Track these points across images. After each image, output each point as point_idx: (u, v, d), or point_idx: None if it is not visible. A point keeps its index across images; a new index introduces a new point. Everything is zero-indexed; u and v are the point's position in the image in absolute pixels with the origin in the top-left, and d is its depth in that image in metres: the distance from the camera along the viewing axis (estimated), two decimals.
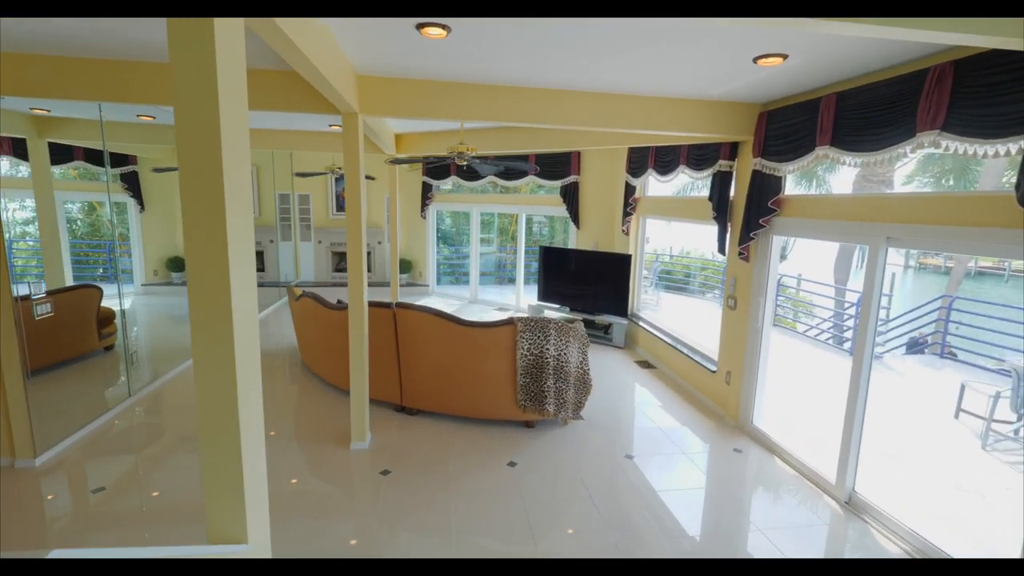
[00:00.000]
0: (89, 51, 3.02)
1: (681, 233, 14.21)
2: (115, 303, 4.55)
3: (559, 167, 7.24)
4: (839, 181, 11.94)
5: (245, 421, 1.33)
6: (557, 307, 7.15)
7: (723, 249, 4.45)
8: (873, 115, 2.79)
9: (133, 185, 5.87)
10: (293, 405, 4.53)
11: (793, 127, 3.42)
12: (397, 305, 4.04)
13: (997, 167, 9.55)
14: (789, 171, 3.54)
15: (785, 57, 2.68)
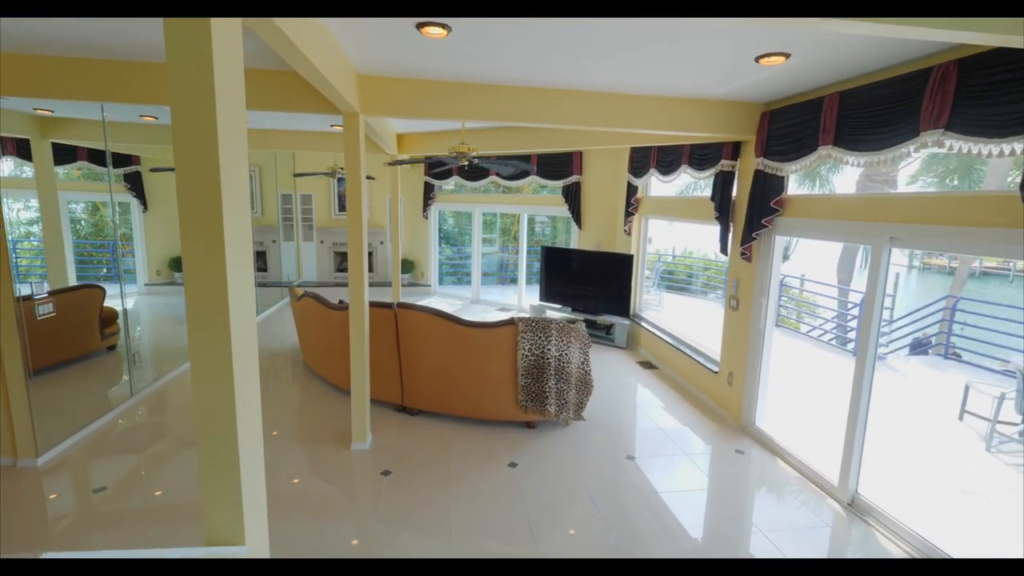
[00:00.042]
0: (89, 51, 3.02)
1: (684, 233, 14.18)
2: (118, 303, 4.56)
3: (561, 167, 7.22)
4: (843, 181, 11.90)
5: (243, 422, 1.33)
6: (559, 307, 7.14)
7: (725, 249, 4.43)
8: (876, 114, 2.78)
9: (136, 185, 5.89)
10: (294, 405, 4.53)
11: (795, 127, 3.40)
12: (398, 305, 4.03)
13: (1002, 167, 9.49)
14: (792, 171, 3.52)
15: (787, 56, 2.66)
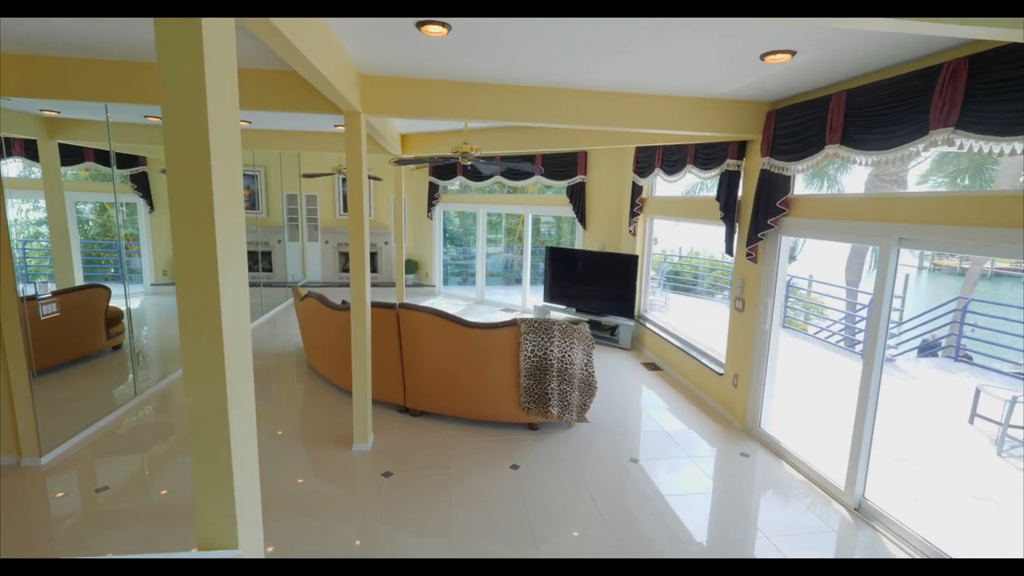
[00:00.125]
0: (90, 51, 3.03)
1: (690, 233, 14.09)
2: (128, 303, 4.58)
3: (566, 167, 7.19)
4: (851, 181, 11.77)
5: (236, 423, 1.31)
6: (563, 308, 7.11)
7: (731, 250, 4.38)
8: (884, 112, 2.73)
9: (143, 186, 5.93)
10: (297, 406, 4.53)
11: (802, 125, 3.36)
12: (400, 306, 4.02)
13: (1014, 165, 9.35)
14: (798, 170, 3.47)
15: (793, 54, 2.62)
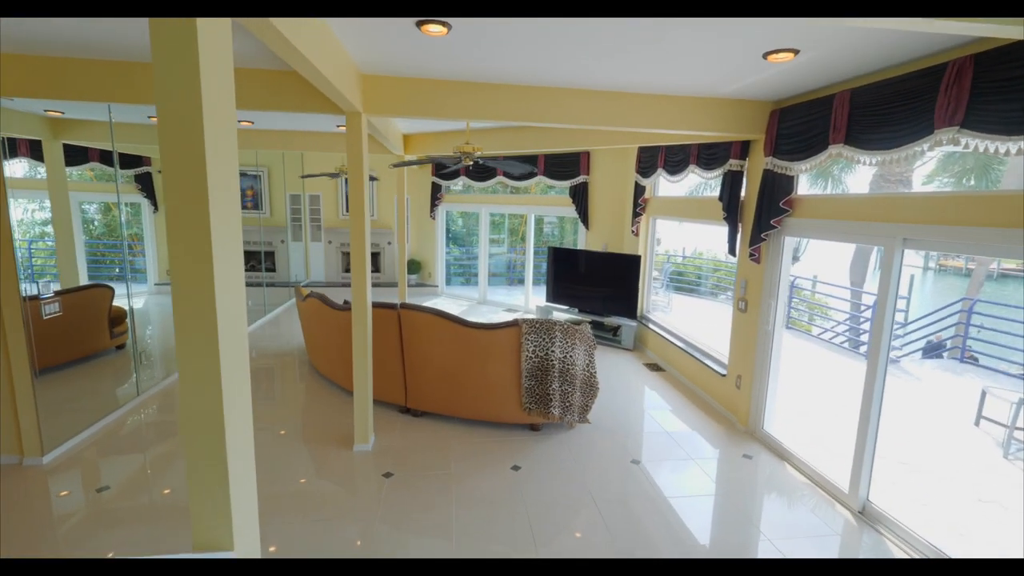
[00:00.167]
0: (91, 51, 3.03)
1: (694, 234, 14.04)
2: (132, 302, 4.59)
3: (568, 167, 7.17)
4: (856, 181, 11.69)
5: (231, 422, 1.30)
6: (566, 308, 7.09)
7: (734, 250, 4.36)
8: (888, 112, 2.70)
9: (147, 186, 5.94)
10: (299, 406, 4.53)
11: (805, 125, 3.33)
12: (401, 306, 4.01)
13: (1020, 165, 9.26)
14: (801, 170, 3.45)
15: (796, 53, 2.60)
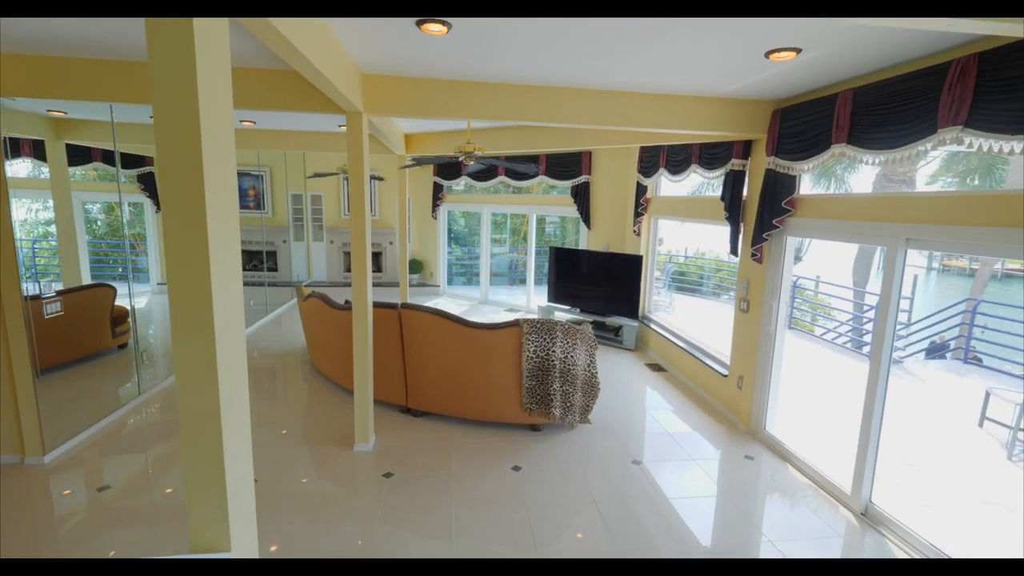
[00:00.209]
0: (90, 51, 3.04)
1: (696, 234, 14.01)
2: (135, 302, 4.60)
3: (570, 167, 7.16)
4: (859, 181, 11.65)
5: (229, 423, 1.30)
6: (567, 308, 7.07)
7: (736, 250, 4.34)
8: (891, 111, 2.68)
9: (150, 185, 5.95)
10: (299, 405, 4.53)
11: (808, 124, 3.31)
12: (402, 306, 4.01)
13: None
14: (804, 170, 3.43)
15: (798, 51, 2.58)
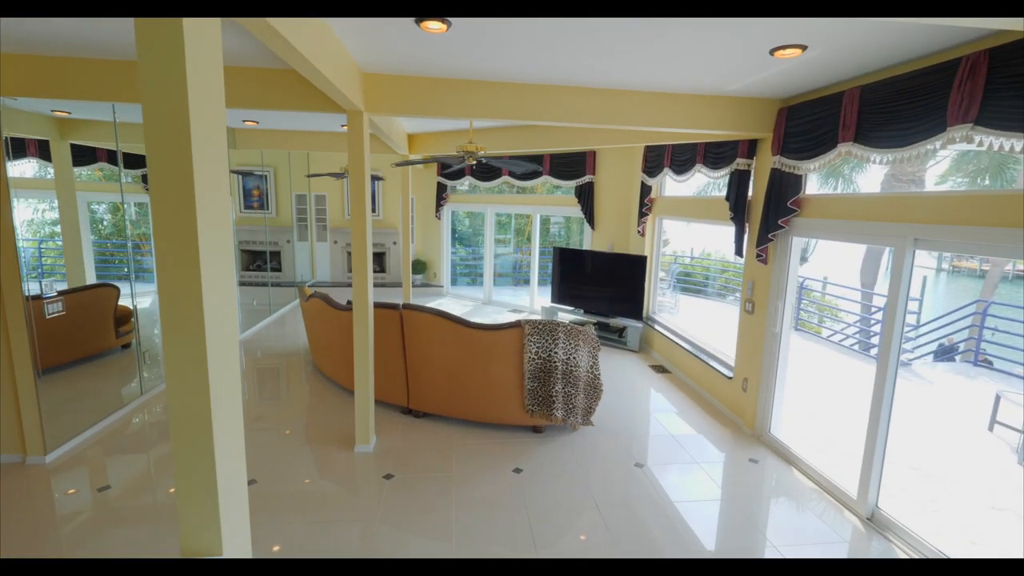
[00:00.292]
0: (90, 51, 3.04)
1: (702, 234, 13.94)
2: (140, 302, 4.61)
3: (574, 167, 7.13)
4: (867, 181, 11.53)
5: (219, 422, 1.27)
6: (571, 309, 7.04)
7: (740, 251, 4.29)
8: (899, 109, 2.63)
9: None
10: (301, 406, 4.52)
11: (814, 123, 3.27)
12: (403, 306, 3.99)
13: None
14: (810, 169, 3.38)
15: (803, 49, 2.54)
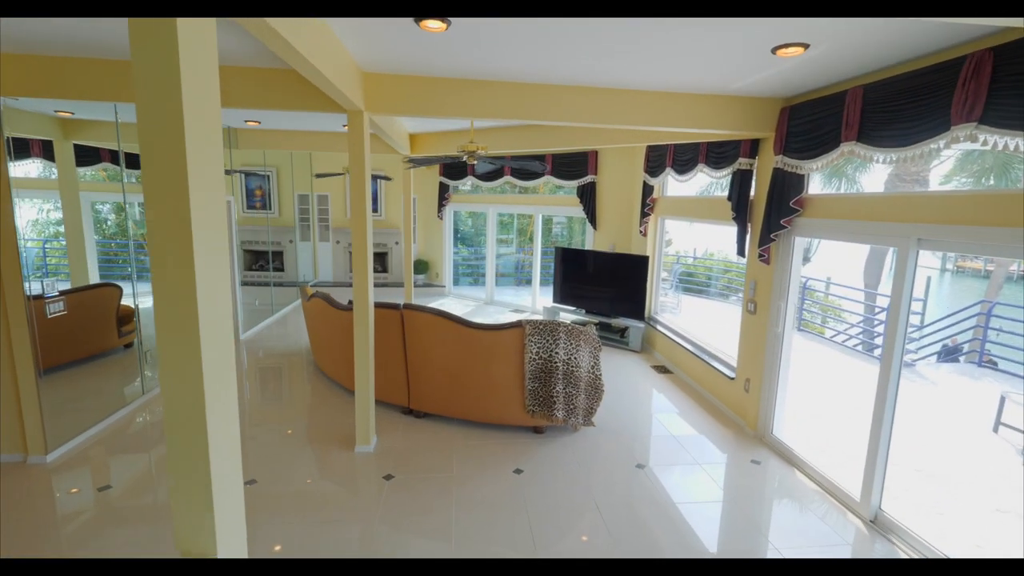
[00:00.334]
0: (90, 51, 3.04)
1: (705, 234, 13.89)
2: (142, 302, 4.62)
3: (576, 167, 7.11)
4: (871, 181, 11.46)
5: (214, 422, 1.26)
6: (573, 309, 7.02)
7: (743, 251, 4.27)
8: (903, 108, 2.61)
9: None
10: (302, 406, 4.52)
11: (816, 122, 3.24)
12: (404, 306, 3.99)
13: None
14: (812, 169, 3.36)
15: (806, 47, 2.52)
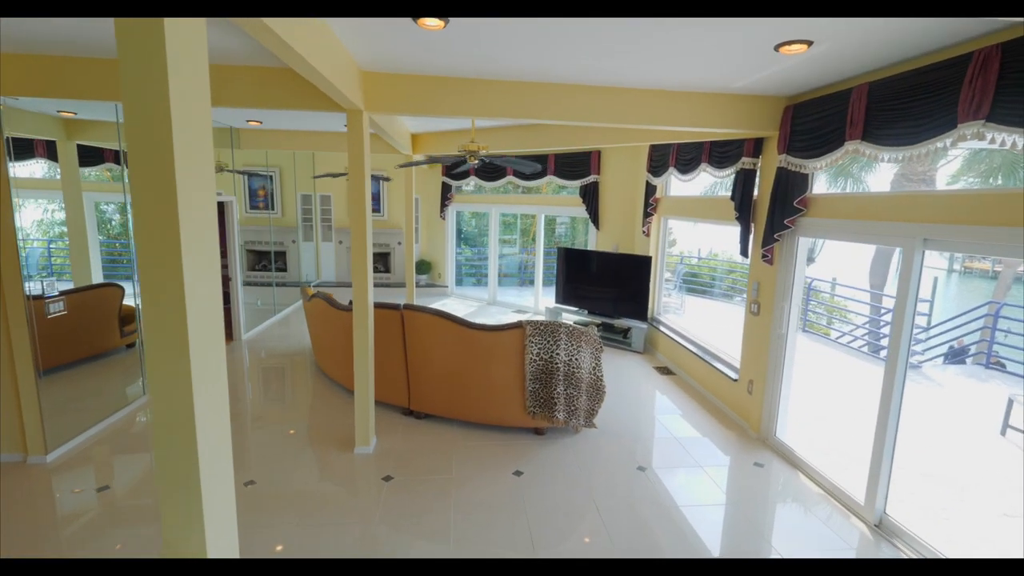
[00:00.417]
0: (90, 51, 3.04)
1: (709, 234, 13.83)
2: (137, 301, 4.63)
3: (579, 167, 7.08)
4: (877, 180, 11.38)
5: (203, 423, 1.25)
6: (575, 310, 6.99)
7: (746, 251, 4.23)
8: (909, 106, 2.57)
9: None
10: (302, 406, 4.51)
11: (821, 121, 3.20)
12: (404, 307, 3.97)
13: None
14: (816, 168, 3.32)
15: (809, 44, 2.48)
